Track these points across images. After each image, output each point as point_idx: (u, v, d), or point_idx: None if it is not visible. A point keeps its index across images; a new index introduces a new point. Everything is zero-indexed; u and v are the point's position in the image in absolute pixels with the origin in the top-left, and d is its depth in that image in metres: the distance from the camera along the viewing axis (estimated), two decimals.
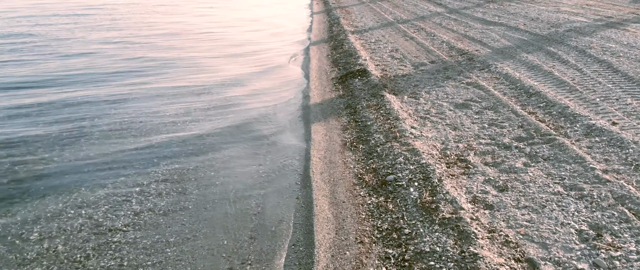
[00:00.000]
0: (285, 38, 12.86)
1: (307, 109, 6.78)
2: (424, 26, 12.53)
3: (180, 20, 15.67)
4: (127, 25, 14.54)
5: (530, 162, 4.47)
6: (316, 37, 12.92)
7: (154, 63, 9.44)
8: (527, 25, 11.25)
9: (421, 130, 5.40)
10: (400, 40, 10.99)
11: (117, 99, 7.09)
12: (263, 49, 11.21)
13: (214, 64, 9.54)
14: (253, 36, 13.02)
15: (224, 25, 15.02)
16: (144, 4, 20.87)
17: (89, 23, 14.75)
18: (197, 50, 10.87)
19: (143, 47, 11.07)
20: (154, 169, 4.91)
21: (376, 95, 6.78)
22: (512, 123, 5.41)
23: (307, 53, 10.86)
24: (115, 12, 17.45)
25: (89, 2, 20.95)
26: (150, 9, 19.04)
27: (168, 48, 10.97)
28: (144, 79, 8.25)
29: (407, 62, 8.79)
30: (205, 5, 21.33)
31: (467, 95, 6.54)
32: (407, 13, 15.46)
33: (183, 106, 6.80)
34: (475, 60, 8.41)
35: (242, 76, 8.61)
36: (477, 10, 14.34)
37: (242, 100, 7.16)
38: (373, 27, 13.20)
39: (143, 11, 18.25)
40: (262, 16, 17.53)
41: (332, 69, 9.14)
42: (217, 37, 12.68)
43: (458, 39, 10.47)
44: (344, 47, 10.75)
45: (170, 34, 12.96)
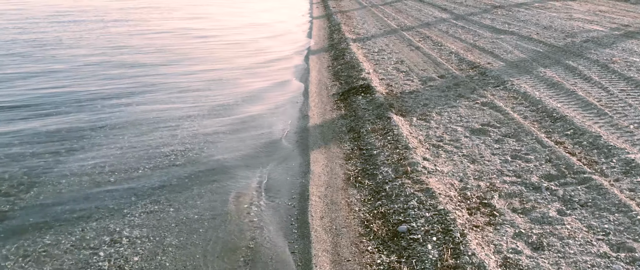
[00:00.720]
0: (283, 47, 12.23)
1: (306, 132, 6.14)
2: (430, 34, 11.89)
3: (168, 29, 15.04)
4: (115, 37, 13.89)
5: (565, 209, 3.82)
6: (316, 45, 12.28)
7: (142, 79, 8.80)
8: (540, 34, 10.62)
9: (435, 163, 4.76)
10: (405, 50, 10.35)
11: (96, 125, 6.45)
12: (260, 61, 10.58)
13: (201, 86, 8.89)
14: (249, 44, 12.38)
15: (218, 31, 14.38)
16: (132, 10, 20.23)
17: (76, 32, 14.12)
18: (184, 66, 10.24)
19: (124, 65, 10.44)
20: (130, 210, 4.27)
21: (382, 117, 6.14)
22: (539, 156, 4.76)
23: (307, 63, 10.23)
24: (106, 17, 16.82)
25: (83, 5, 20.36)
26: (144, 15, 18.42)
27: (157, 64, 10.34)
28: (127, 100, 7.61)
29: (414, 76, 8.15)
30: (196, 11, 20.69)
31: (483, 118, 5.90)
32: (411, 19, 14.82)
33: (166, 133, 6.16)
34: (488, 75, 7.77)
35: (237, 93, 7.96)
36: (485, 17, 13.70)
37: (235, 124, 6.51)
38: (376, 35, 12.56)
39: (126, 19, 17.63)
40: (260, 23, 16.89)
41: (333, 82, 8.50)
42: (210, 47, 12.04)
43: (467, 49, 9.83)
44: (346, 57, 10.11)
45: (159, 48, 12.32)
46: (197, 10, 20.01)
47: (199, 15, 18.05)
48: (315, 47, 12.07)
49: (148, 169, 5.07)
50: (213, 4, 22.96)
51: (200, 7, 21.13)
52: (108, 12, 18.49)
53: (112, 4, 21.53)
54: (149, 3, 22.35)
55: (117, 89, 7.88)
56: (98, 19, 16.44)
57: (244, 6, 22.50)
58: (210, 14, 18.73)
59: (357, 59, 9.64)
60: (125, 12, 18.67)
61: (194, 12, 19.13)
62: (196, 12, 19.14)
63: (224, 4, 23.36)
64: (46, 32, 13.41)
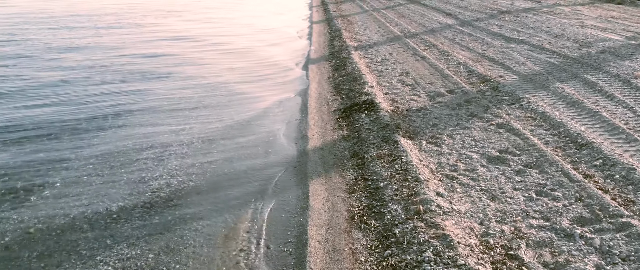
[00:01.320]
0: (282, 56, 11.68)
1: (305, 156, 5.60)
2: (435, 42, 11.35)
3: (161, 37, 14.50)
4: (105, 46, 13.35)
5: (604, 264, 3.28)
6: (316, 53, 11.74)
7: (129, 96, 8.26)
8: (552, 43, 10.08)
9: (450, 200, 4.22)
10: (410, 59, 9.81)
11: (75, 155, 5.91)
12: (257, 71, 10.04)
13: (190, 105, 8.35)
14: (247, 53, 11.83)
15: (214, 37, 13.84)
16: (126, 14, 19.71)
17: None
18: (175, 79, 9.70)
19: (112, 77, 9.90)
20: (104, 257, 3.73)
21: (388, 140, 5.60)
22: (567, 192, 4.22)
23: (306, 74, 9.69)
24: (99, 22, 16.28)
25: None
26: (137, 20, 17.88)
27: (148, 77, 9.81)
28: (112, 122, 7.08)
29: (421, 91, 7.61)
30: (190, 18, 20.15)
31: (500, 143, 5.36)
32: (415, 25, 14.28)
33: (150, 163, 5.61)
34: (501, 90, 7.23)
35: (231, 111, 7.42)
36: (492, 23, 13.16)
37: (228, 149, 5.97)
38: (378, 42, 12.02)
39: (120, 24, 17.10)
40: (258, 29, 16.35)
41: (334, 97, 7.96)
42: (205, 57, 11.51)
43: (476, 60, 9.29)
44: (347, 67, 9.57)
45: (151, 56, 11.79)
46: (192, 16, 19.49)
47: (194, 21, 17.51)
48: (315, 55, 11.54)
49: (128, 204, 4.52)
50: (210, 8, 22.44)
51: (195, 13, 20.62)
52: (102, 15, 17.95)
53: (107, 7, 21.00)
54: (142, 6, 21.83)
55: (103, 108, 7.34)
56: (91, 25, 15.90)
57: (241, 9, 21.98)
58: (208, 19, 18.18)
59: (360, 69, 9.10)
60: (118, 16, 18.14)
61: (187, 20, 18.60)
62: (189, 19, 18.59)
63: (221, 7, 22.85)
64: (35, 39, 12.87)
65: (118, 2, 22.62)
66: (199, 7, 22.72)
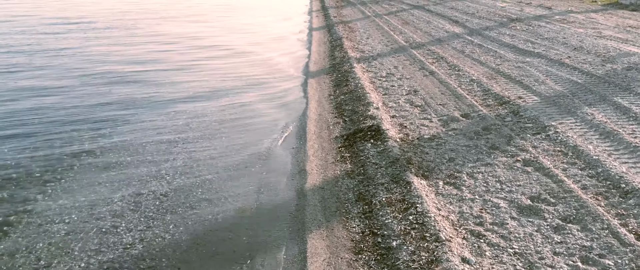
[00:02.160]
0: (280, 70, 10.94)
1: (303, 198, 4.85)
2: (444, 54, 10.60)
3: (150, 49, 13.77)
4: (94, 56, 12.61)
5: None
6: (316, 65, 11.00)
7: (111, 114, 7.52)
8: (572, 58, 9.33)
9: (479, 269, 3.47)
10: (418, 75, 9.06)
11: (40, 193, 5.16)
12: (253, 89, 9.29)
13: (176, 137, 7.60)
14: (242, 68, 11.09)
15: (208, 52, 13.10)
16: (117, 20, 18.98)
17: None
18: (160, 101, 8.96)
19: (96, 95, 9.17)
20: None
21: (399, 180, 4.85)
22: (619, 260, 3.47)
23: (305, 90, 8.94)
24: (95, 26, 15.55)
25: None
26: (130, 22, 17.15)
27: (133, 96, 9.08)
28: (89, 149, 6.34)
29: (432, 114, 6.86)
30: (180, 31, 19.42)
31: (529, 186, 4.61)
32: (420, 34, 13.52)
33: (125, 204, 4.87)
34: (523, 115, 6.48)
35: (223, 136, 6.66)
36: (503, 33, 12.40)
37: (215, 190, 5.21)
38: (382, 53, 11.27)
39: (112, 27, 16.39)
40: (255, 40, 15.60)
41: (335, 119, 7.21)
42: (195, 76, 10.76)
43: (491, 76, 8.54)
44: (350, 83, 8.82)
45: (141, 67, 11.05)
46: (184, 28, 18.76)
47: (183, 36, 16.79)
48: (315, 67, 10.79)
49: (93, 259, 3.78)
50: (206, 14, 21.72)
51: (188, 23, 19.90)
52: (96, 19, 17.21)
53: (100, 12, 20.27)
54: (139, 9, 21.10)
55: (80, 135, 6.60)
56: (86, 27, 15.16)
57: (238, 16, 21.24)
58: (199, 31, 17.45)
59: (363, 86, 8.35)
60: (110, 21, 17.40)
61: (179, 33, 17.88)
62: (178, 33, 17.87)
63: (216, 15, 22.14)
64: (27, 44, 12.12)
65: (110, 10, 21.92)
66: (190, 9, 21.98)
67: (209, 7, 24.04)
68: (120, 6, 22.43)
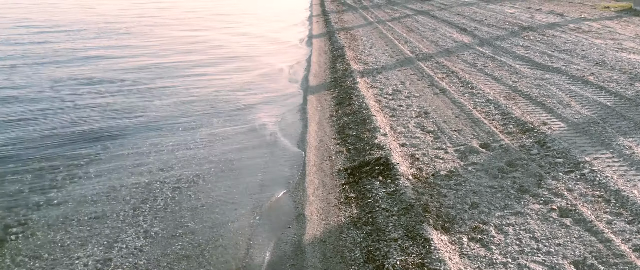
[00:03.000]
0: (275, 85, 10.19)
1: (301, 255, 4.10)
2: (454, 67, 9.84)
3: (139, 66, 13.05)
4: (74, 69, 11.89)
5: None
6: (316, 79, 10.25)
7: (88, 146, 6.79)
8: (596, 75, 8.57)
9: None
10: (427, 93, 8.30)
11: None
12: (245, 110, 8.54)
13: (160, 178, 6.87)
14: (235, 81, 10.34)
15: (201, 67, 12.38)
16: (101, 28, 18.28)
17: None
18: (141, 132, 8.21)
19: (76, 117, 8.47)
20: None
21: (415, 237, 4.09)
22: None
23: (304, 109, 8.20)
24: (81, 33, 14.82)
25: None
26: (118, 26, 16.43)
27: (116, 126, 8.34)
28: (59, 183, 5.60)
29: (447, 142, 6.11)
30: (169, 44, 18.68)
31: (572, 246, 3.85)
32: (427, 43, 12.76)
33: (93, 260, 4.12)
34: (550, 147, 5.73)
35: (210, 168, 5.91)
36: (517, 44, 11.63)
37: (195, 235, 4.45)
38: (387, 66, 10.52)
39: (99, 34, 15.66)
40: (252, 53, 14.88)
41: (338, 147, 6.46)
42: (186, 96, 10.03)
43: (508, 96, 7.78)
44: (353, 102, 8.07)
45: (126, 83, 10.33)
46: (176, 38, 18.05)
47: (174, 50, 16.05)
48: (315, 81, 10.04)
49: None
50: (201, 19, 21.00)
51: (180, 32, 19.19)
52: (86, 25, 16.47)
53: (89, 18, 19.55)
54: (126, 15, 20.39)
55: (51, 172, 5.86)
56: (74, 36, 14.42)
57: (235, 21, 20.51)
58: (196, 44, 16.72)
59: (368, 106, 7.60)
60: (97, 28, 16.67)
61: (170, 39, 17.16)
62: (168, 47, 17.12)
63: (211, 22, 21.42)
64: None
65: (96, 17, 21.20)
66: (178, 16, 21.24)
67: (205, 13, 23.31)
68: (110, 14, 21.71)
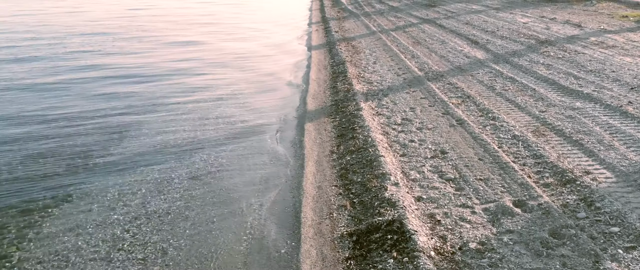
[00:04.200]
0: (271, 103, 9.14)
1: None
2: (470, 90, 8.77)
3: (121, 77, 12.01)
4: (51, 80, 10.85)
5: None
6: (314, 101, 9.19)
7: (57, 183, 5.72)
8: (635, 104, 7.49)
9: None
10: (442, 123, 7.24)
11: None
12: (234, 140, 7.48)
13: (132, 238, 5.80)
14: (226, 105, 9.29)
15: (187, 91, 11.31)
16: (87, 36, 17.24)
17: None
18: (110, 171, 7.15)
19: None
20: None
21: None
22: None
23: (301, 142, 7.15)
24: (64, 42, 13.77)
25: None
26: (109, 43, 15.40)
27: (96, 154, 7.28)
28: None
29: (473, 197, 5.05)
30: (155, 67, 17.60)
31: None
32: (436, 58, 11.69)
33: None
34: (600, 208, 4.66)
35: (183, 229, 4.84)
36: (536, 61, 10.56)
37: None
38: (394, 86, 9.46)
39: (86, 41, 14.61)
40: (247, 65, 13.82)
41: (340, 198, 5.40)
42: (165, 127, 8.97)
43: (537, 131, 6.72)
44: (357, 134, 7.02)
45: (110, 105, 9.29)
46: (163, 56, 16.99)
47: (161, 71, 15.01)
48: (314, 105, 8.97)
49: None
50: (193, 25, 19.96)
51: (164, 50, 18.14)
52: (70, 32, 15.40)
53: (76, 28, 18.51)
54: (108, 26, 19.35)
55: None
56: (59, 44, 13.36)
57: (229, 31, 19.46)
58: (186, 64, 15.65)
59: (374, 141, 6.55)
60: (87, 37, 15.60)
61: (153, 68, 16.13)
62: (153, 68, 16.07)
63: (204, 30, 20.38)
64: None
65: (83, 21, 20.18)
66: (161, 27, 20.17)
67: (197, 16, 22.26)
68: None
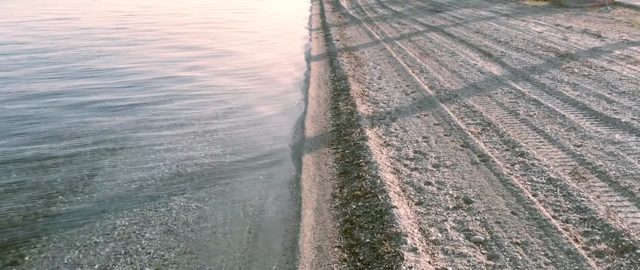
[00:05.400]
0: (263, 128, 8.14)
1: None
2: (489, 115, 7.74)
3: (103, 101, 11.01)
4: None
5: None
6: (314, 126, 8.18)
7: None
8: None
9: None
10: (463, 160, 6.22)
11: None
12: (219, 178, 6.49)
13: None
14: (216, 126, 8.28)
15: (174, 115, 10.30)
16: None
17: None
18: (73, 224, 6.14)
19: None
20: None
21: None
22: None
23: (298, 181, 6.16)
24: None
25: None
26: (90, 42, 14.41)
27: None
28: None
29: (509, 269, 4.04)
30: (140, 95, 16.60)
31: None
32: (447, 73, 10.67)
33: None
34: None
35: None
36: (560, 79, 9.50)
37: None
38: (402, 109, 8.44)
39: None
40: (243, 81, 12.82)
41: (345, 266, 4.39)
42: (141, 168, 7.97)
43: (575, 172, 5.69)
44: (363, 172, 6.02)
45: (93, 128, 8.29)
46: (148, 73, 15.95)
47: (144, 93, 13.99)
48: (313, 130, 7.97)
49: None
50: (186, 28, 18.98)
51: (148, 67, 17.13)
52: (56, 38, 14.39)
53: (64, 42, 17.51)
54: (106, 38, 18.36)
55: None
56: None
57: (223, 36, 18.46)
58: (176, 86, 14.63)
59: (384, 183, 5.55)
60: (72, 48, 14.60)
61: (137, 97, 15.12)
62: (138, 90, 15.02)
63: (194, 37, 19.40)
64: None
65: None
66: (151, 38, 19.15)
67: (192, 21, 21.25)
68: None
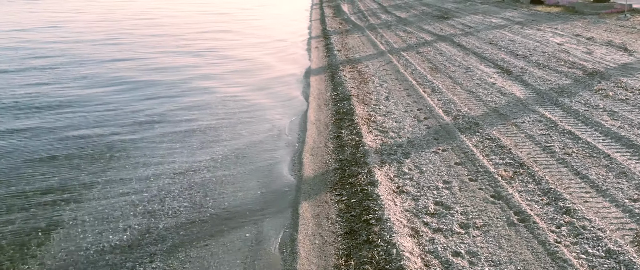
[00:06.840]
0: (252, 162, 7.01)
1: None
2: (520, 153, 6.59)
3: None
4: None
5: None
6: (312, 160, 7.05)
7: None
8: None
9: None
10: (495, 218, 5.08)
11: None
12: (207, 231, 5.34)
13: None
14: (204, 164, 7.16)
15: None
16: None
17: None
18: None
19: None
20: None
21: None
22: None
23: (293, 244, 5.02)
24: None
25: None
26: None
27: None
28: None
29: None
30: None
31: None
32: (463, 94, 9.53)
33: None
34: None
35: None
36: (595, 104, 8.34)
37: None
38: (415, 141, 7.30)
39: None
40: (238, 100, 11.68)
41: None
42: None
43: (638, 240, 4.56)
44: (374, 238, 4.90)
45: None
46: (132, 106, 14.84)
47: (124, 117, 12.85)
48: (311, 167, 6.83)
49: None
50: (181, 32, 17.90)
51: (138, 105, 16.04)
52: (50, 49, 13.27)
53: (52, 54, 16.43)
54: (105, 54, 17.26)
55: None
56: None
57: (214, 45, 17.37)
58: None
59: (401, 258, 4.42)
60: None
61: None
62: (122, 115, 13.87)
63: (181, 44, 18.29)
64: None
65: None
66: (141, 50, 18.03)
67: (187, 25, 20.13)
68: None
